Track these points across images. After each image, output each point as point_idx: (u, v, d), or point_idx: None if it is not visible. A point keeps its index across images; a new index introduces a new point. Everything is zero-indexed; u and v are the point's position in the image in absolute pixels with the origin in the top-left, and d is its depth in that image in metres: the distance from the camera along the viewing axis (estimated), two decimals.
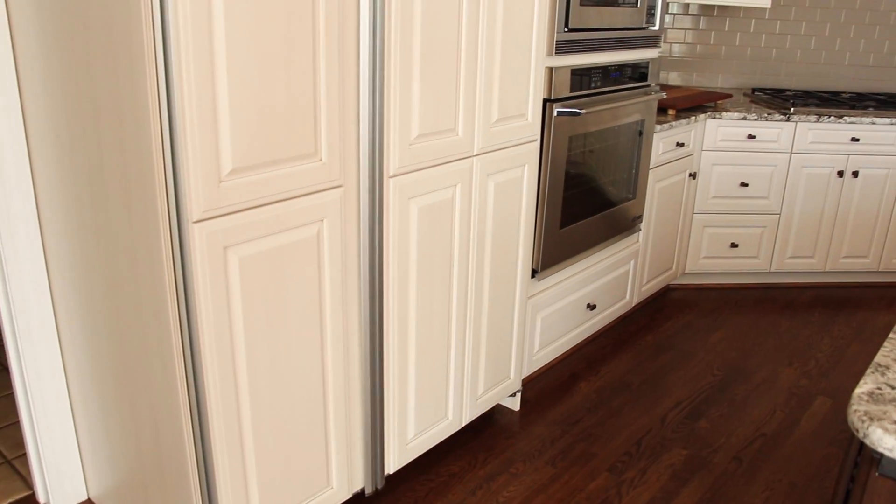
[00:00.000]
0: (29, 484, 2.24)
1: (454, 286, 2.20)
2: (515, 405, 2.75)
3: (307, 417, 1.86)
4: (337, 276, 1.82)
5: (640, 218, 3.26)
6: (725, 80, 4.38)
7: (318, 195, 1.71)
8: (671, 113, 3.46)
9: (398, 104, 1.84)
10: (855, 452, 1.16)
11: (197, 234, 1.48)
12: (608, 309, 3.27)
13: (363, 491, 2.16)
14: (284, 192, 1.63)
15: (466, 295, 2.26)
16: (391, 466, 2.19)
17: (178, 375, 1.60)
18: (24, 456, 2.36)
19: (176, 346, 1.57)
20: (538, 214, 2.60)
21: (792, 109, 3.67)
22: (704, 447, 2.57)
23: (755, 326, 3.54)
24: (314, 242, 1.74)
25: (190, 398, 1.61)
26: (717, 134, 3.61)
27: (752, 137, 3.63)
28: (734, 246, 3.82)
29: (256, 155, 1.55)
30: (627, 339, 3.36)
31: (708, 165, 3.65)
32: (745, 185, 3.70)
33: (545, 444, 2.55)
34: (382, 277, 1.95)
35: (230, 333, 1.61)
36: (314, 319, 1.80)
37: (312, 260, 1.74)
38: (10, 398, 2.67)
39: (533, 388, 2.91)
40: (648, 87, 3.05)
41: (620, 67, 2.82)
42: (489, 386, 2.51)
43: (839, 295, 3.96)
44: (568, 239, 2.79)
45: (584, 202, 2.83)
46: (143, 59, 1.37)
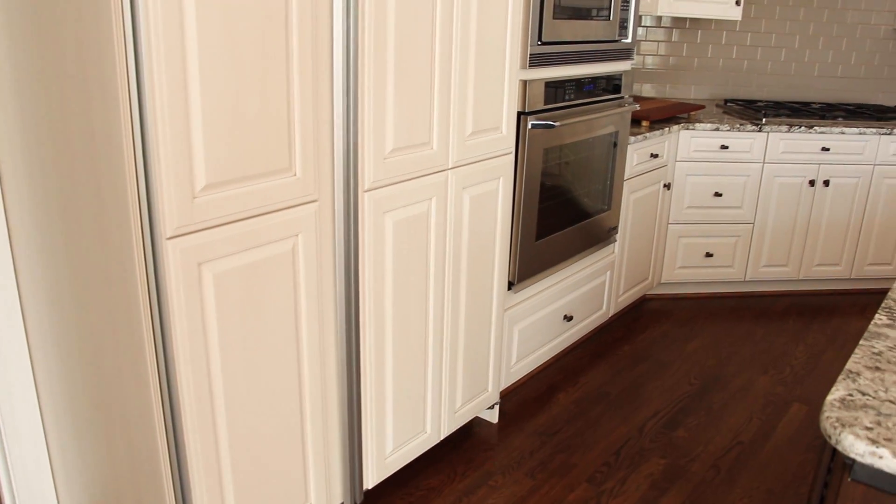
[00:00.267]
0: None
1: (430, 299, 2.20)
2: (494, 417, 2.75)
3: (284, 434, 1.85)
4: (313, 291, 1.81)
5: (615, 229, 3.28)
6: (698, 91, 4.43)
7: (292, 210, 1.70)
8: (645, 124, 3.50)
9: (372, 119, 1.85)
10: (828, 458, 1.17)
11: (171, 250, 1.47)
12: (585, 320, 3.28)
13: None
14: (259, 207, 1.62)
15: (443, 308, 2.26)
16: (370, 481, 2.18)
17: (152, 394, 1.58)
18: None
19: (150, 364, 1.55)
20: (514, 227, 2.61)
21: (763, 120, 3.72)
22: (683, 456, 2.59)
23: (731, 335, 3.57)
24: (289, 258, 1.73)
25: (165, 417, 1.59)
26: (690, 145, 3.64)
27: (724, 148, 3.67)
28: (709, 255, 3.85)
29: (230, 170, 1.54)
30: (604, 349, 3.38)
31: (682, 176, 3.69)
32: (718, 195, 3.74)
33: (524, 455, 2.55)
34: (358, 292, 1.94)
35: (205, 350, 1.59)
36: (290, 335, 1.79)
37: (288, 275, 1.74)
38: None
39: (511, 399, 2.91)
40: (622, 98, 3.08)
41: (594, 80, 2.85)
42: (467, 399, 2.50)
43: (813, 302, 4.00)
44: (544, 251, 2.80)
45: (559, 214, 2.84)
46: (114, 74, 1.36)
